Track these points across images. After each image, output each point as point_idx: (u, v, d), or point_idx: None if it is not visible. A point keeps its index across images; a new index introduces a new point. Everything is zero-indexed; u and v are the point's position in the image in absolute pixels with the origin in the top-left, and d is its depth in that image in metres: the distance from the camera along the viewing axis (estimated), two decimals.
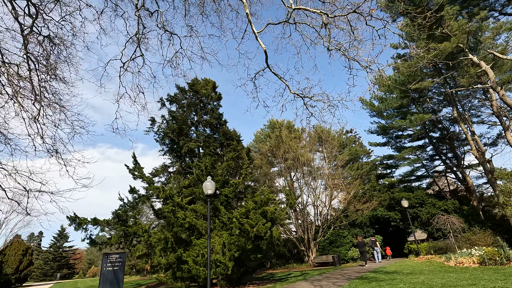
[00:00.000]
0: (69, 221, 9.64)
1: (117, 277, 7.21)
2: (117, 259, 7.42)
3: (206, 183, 8.93)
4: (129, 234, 10.24)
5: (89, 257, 60.54)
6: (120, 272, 7.29)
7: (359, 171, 30.99)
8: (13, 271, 32.40)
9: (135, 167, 11.72)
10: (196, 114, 20.59)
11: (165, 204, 10.38)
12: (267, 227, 9.20)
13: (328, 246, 20.83)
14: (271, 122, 33.34)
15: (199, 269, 8.02)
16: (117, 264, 7.32)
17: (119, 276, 7.29)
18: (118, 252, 8.17)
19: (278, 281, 11.62)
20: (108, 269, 7.25)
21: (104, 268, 7.46)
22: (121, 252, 7.95)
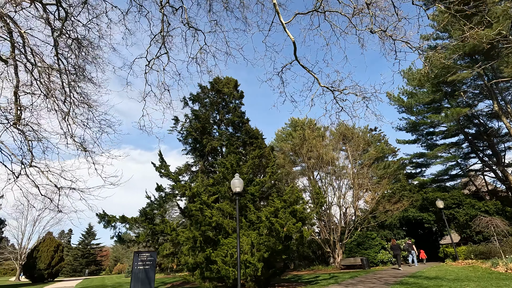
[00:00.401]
0: (99, 218, 9.69)
1: (148, 276, 7.03)
2: (148, 258, 7.25)
3: (234, 180, 8.60)
4: (156, 232, 10.15)
5: (115, 254, 62.56)
6: (151, 271, 7.10)
7: (385, 170, 29.66)
8: (45, 266, 33.93)
9: (162, 164, 11.66)
10: (218, 113, 20.46)
11: (191, 202, 10.19)
12: (298, 227, 8.73)
13: (356, 248, 19.95)
14: (292, 121, 32.71)
15: (229, 269, 7.70)
16: (148, 263, 7.15)
17: (150, 276, 7.12)
18: (149, 250, 8.03)
19: (308, 283, 11.10)
20: (139, 267, 7.14)
21: (136, 267, 7.31)
22: (152, 250, 7.79)
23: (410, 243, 17.39)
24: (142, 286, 6.44)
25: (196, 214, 8.16)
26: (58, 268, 35.51)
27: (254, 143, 18.47)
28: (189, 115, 18.90)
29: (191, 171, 20.56)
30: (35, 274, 33.45)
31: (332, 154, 25.77)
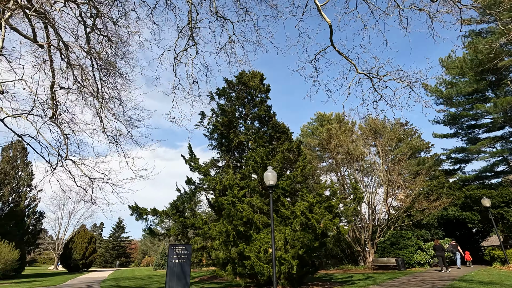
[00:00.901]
0: (131, 210, 9.74)
1: (184, 270, 6.82)
2: (183, 251, 7.05)
3: (268, 173, 8.19)
4: (187, 226, 10.01)
5: (143, 247, 64.80)
6: (186, 265, 6.90)
7: (419, 167, 27.95)
8: (80, 257, 35.74)
9: (191, 157, 11.52)
10: (244, 107, 20.15)
11: (221, 196, 9.94)
12: (335, 223, 8.16)
13: (389, 248, 18.88)
14: (318, 115, 31.75)
15: (263, 266, 7.34)
16: (183, 257, 6.93)
17: (186, 270, 6.88)
18: (183, 243, 7.87)
19: (343, 283, 10.49)
20: (175, 261, 6.90)
21: (171, 260, 6.94)
22: (187, 243, 7.58)
23: (454, 244, 16.09)
24: (178, 281, 6.22)
25: (228, 207, 7.88)
26: (91, 259, 37.29)
27: (281, 138, 17.98)
28: (216, 110, 18.76)
29: (217, 167, 20.47)
30: (71, 264, 35.35)
31: (362, 149, 24.64)
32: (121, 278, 21.94)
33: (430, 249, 17.90)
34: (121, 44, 11.34)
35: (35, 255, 61.69)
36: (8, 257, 20.11)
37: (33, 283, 20.11)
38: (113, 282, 17.89)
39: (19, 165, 32.73)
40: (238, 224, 7.99)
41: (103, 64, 11.15)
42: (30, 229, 32.65)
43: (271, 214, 7.48)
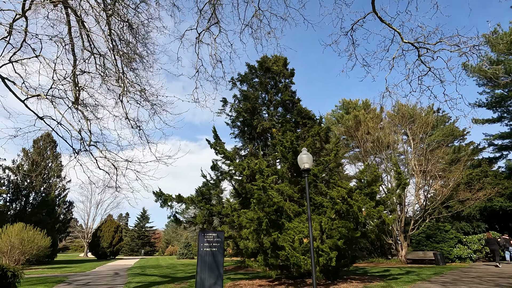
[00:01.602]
0: (155, 196, 9.35)
1: (216, 260, 6.09)
2: (214, 239, 6.32)
3: (302, 156, 7.37)
4: (213, 213, 9.48)
5: (166, 237, 66.48)
6: (219, 254, 6.16)
7: (455, 155, 25.95)
8: (108, 245, 36.95)
9: (216, 142, 10.92)
10: (267, 93, 19.27)
11: (249, 182, 9.29)
12: (380, 211, 7.26)
13: (425, 241, 17.57)
14: (344, 102, 30.24)
15: (299, 257, 6.62)
16: (215, 245, 6.23)
17: (218, 259, 6.12)
18: (215, 230, 7.29)
19: (384, 277, 9.58)
20: (206, 249, 6.18)
21: (201, 248, 6.19)
22: (219, 230, 6.99)
23: (507, 237, 14.57)
24: (210, 272, 5.62)
25: (258, 193, 7.21)
26: (118, 247, 38.50)
27: (307, 124, 16.99)
28: (238, 96, 18.03)
29: (240, 155, 19.86)
30: (99, 251, 36.67)
31: (392, 136, 23.11)
32: (147, 266, 22.20)
33: (472, 243, 16.43)
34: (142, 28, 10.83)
35: (67, 242, 65.04)
36: (41, 243, 20.77)
37: (64, 269, 20.76)
38: (139, 270, 17.99)
39: (48, 156, 33.94)
40: (270, 211, 7.29)
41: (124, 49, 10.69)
42: (61, 218, 33.97)
43: (307, 200, 6.69)
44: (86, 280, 12.51)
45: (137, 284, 10.51)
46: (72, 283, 11.76)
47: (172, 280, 11.65)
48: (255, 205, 7.05)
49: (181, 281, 10.96)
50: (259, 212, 6.99)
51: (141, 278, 12.54)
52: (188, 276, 12.93)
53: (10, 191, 28.85)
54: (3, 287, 8.01)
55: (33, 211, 28.04)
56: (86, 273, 16.73)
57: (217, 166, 11.04)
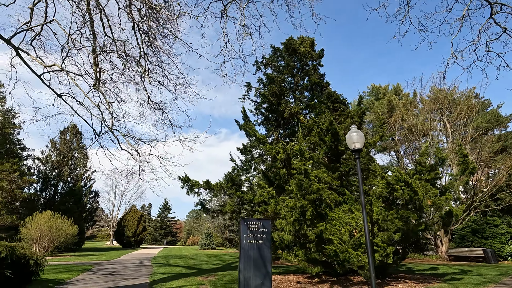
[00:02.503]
0: (182, 182, 8.62)
1: (263, 255, 5.00)
2: (259, 228, 5.19)
3: (352, 134, 6.24)
4: (245, 201, 8.61)
5: (187, 227, 67.45)
6: (265, 247, 5.08)
7: (500, 144, 23.53)
8: (132, 234, 37.63)
9: (246, 122, 9.99)
10: (293, 77, 18.05)
11: (285, 167, 8.30)
12: (448, 199, 6.06)
13: (471, 237, 15.91)
14: (373, 88, 28.31)
15: (351, 253, 5.59)
16: (260, 236, 5.13)
17: (265, 254, 5.04)
18: (259, 218, 6.29)
19: (439, 276, 8.35)
20: (249, 242, 5.10)
21: (244, 240, 5.11)
22: (264, 218, 5.92)
23: None
24: (255, 270, 4.66)
25: (299, 178, 6.20)
26: (142, 236, 39.16)
27: (339, 108, 15.65)
28: (263, 79, 16.95)
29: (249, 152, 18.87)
30: (124, 240, 37.44)
31: (431, 123, 21.21)
32: (170, 256, 22.02)
33: None
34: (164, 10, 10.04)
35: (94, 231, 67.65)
36: (68, 231, 21.05)
37: (91, 256, 20.97)
38: (163, 260, 17.68)
39: (75, 147, 34.68)
40: (314, 198, 6.27)
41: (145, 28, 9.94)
42: (88, 207, 34.80)
43: (360, 185, 5.60)
44: (111, 269, 12.17)
45: (162, 276, 9.93)
46: (97, 272, 11.42)
47: (199, 272, 11.00)
48: (297, 191, 6.05)
49: (208, 274, 10.27)
50: (302, 200, 5.99)
51: (166, 269, 12.03)
52: (214, 268, 12.28)
53: (40, 181, 29.71)
54: (26, 275, 7.56)
55: (61, 200, 28.75)
56: (112, 262, 16.60)
57: (248, 150, 10.11)
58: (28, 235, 19.48)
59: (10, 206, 23.72)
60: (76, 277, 9.71)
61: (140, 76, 10.47)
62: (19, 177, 23.81)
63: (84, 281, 8.88)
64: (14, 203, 25.10)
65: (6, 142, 26.10)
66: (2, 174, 22.95)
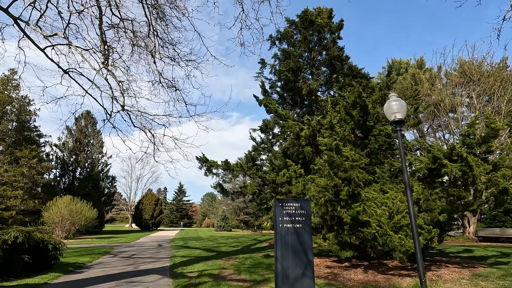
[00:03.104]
0: (199, 162, 8.13)
1: (303, 241, 4.27)
2: (297, 210, 4.42)
3: (391, 103, 5.45)
4: (267, 182, 8.04)
5: (202, 210, 68.66)
6: (305, 233, 4.32)
7: None
8: (149, 217, 38.46)
9: (266, 97, 9.27)
10: (310, 51, 16.91)
11: (309, 145, 7.62)
12: (505, 175, 5.28)
13: (503, 217, 15.00)
14: (393, 62, 26.67)
15: (393, 236, 4.98)
16: (299, 219, 4.38)
17: (305, 240, 4.30)
18: (296, 198, 5.67)
19: (481, 261, 7.68)
20: (287, 226, 4.36)
21: (280, 224, 4.34)
22: (303, 199, 4.90)
23: None
24: (295, 258, 4.05)
25: (329, 155, 5.52)
26: (159, 219, 40.01)
27: (361, 83, 14.59)
28: (279, 54, 15.96)
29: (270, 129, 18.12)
30: (142, 223, 38.38)
31: (458, 98, 19.78)
32: (188, 238, 22.20)
33: None
34: None
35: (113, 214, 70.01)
36: (88, 215, 21.42)
37: (111, 239, 21.38)
38: (181, 242, 17.73)
39: (90, 133, 35.04)
40: (347, 177, 5.61)
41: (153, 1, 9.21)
42: (106, 192, 35.55)
43: (402, 161, 4.89)
44: (131, 252, 12.13)
45: (182, 259, 9.70)
46: (117, 254, 11.37)
47: (218, 255, 10.75)
48: (330, 169, 5.40)
49: (228, 257, 9.98)
50: (336, 178, 5.35)
51: (185, 252, 11.87)
52: (234, 251, 12.04)
53: (59, 167, 30.30)
54: (45, 260, 7.38)
55: (80, 185, 29.35)
56: (131, 244, 16.75)
57: (269, 127, 9.45)
58: (50, 219, 19.93)
59: (31, 191, 24.28)
60: (96, 260, 9.61)
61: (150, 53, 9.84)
62: (38, 163, 24.19)
63: (104, 264, 8.74)
64: (35, 189, 25.71)
65: (24, 129, 26.41)
66: (22, 160, 23.33)
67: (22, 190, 22.66)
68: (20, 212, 22.43)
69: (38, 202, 23.66)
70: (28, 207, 22.83)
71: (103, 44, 8.72)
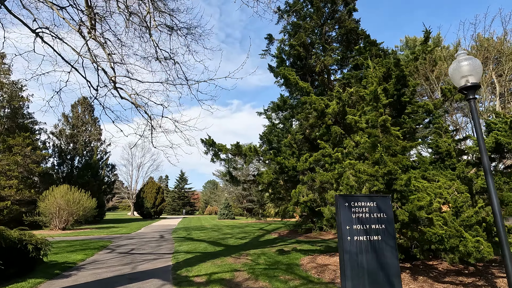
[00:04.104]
0: (204, 145, 6.90)
1: (384, 263, 2.85)
2: (373, 213, 2.95)
3: (461, 64, 4.15)
4: (286, 169, 6.81)
5: (204, 198, 68.23)
6: (388, 249, 2.90)
7: None
8: (151, 205, 37.71)
9: (284, 67, 7.88)
10: (322, 25, 15.30)
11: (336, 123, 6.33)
12: None
13: None
14: (407, 40, 24.97)
15: (468, 239, 3.72)
16: (377, 228, 2.91)
17: (388, 262, 2.87)
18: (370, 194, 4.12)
19: None
20: (359, 238, 2.87)
21: (348, 236, 2.83)
22: (380, 195, 3.32)
23: None
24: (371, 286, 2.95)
25: (373, 133, 4.28)
26: (161, 207, 39.29)
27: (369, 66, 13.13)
28: (288, 28, 14.40)
29: (289, 106, 16.72)
30: (144, 211, 37.67)
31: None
32: (191, 227, 21.30)
33: None
34: None
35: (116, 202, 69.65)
36: (86, 204, 20.47)
37: (111, 229, 20.47)
38: (184, 233, 16.78)
39: (88, 120, 33.79)
40: (399, 161, 4.39)
41: None
42: (106, 180, 34.62)
43: (479, 140, 3.63)
44: (130, 246, 11.11)
45: (186, 256, 8.63)
46: (115, 249, 10.34)
47: (227, 250, 9.69)
48: (382, 152, 4.16)
49: (238, 253, 8.90)
50: (390, 164, 4.08)
51: (189, 246, 10.84)
52: (242, 245, 11.00)
53: (56, 155, 29.25)
54: (25, 262, 6.24)
55: (79, 173, 28.37)
56: (131, 236, 15.79)
57: (288, 102, 8.07)
58: (46, 209, 18.98)
59: (27, 180, 23.23)
60: (90, 258, 8.55)
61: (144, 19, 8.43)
62: (32, 151, 23.01)
63: (98, 263, 7.66)
64: (31, 178, 24.66)
65: (17, 116, 25.09)
66: (15, 149, 22.14)
67: (17, 179, 21.62)
68: (16, 202, 21.45)
69: (35, 191, 22.68)
70: (23, 197, 21.83)
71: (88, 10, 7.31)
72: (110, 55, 8.31)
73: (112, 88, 8.48)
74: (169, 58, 8.23)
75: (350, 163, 4.47)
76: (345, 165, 4.59)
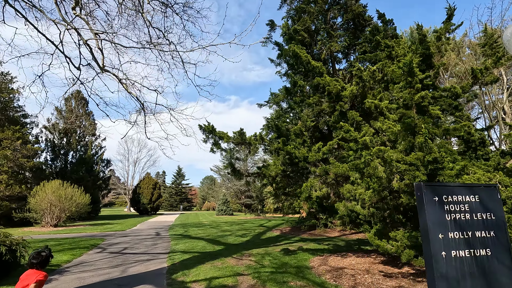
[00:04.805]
0: (203, 133, 6.11)
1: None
2: (475, 213, 1.85)
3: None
4: (295, 161, 6.03)
5: (202, 193, 67.49)
6: (501, 268, 1.73)
7: None
8: (148, 201, 36.92)
9: (294, 44, 7.01)
10: (327, 11, 14.45)
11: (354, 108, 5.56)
12: None
13: None
14: (412, 31, 24.16)
15: None
16: (483, 237, 1.77)
17: None
18: (468, 184, 2.21)
19: None
20: (458, 254, 1.73)
21: (443, 250, 1.69)
22: (482, 185, 2.18)
23: None
24: None
25: (408, 115, 3.55)
26: (158, 203, 38.51)
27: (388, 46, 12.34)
28: (291, 13, 13.55)
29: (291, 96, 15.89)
30: (140, 207, 36.89)
31: None
32: (188, 224, 20.58)
33: None
34: None
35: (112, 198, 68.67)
36: (80, 201, 19.61)
37: (106, 226, 19.70)
38: (181, 230, 16.04)
39: (81, 114, 32.78)
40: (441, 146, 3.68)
41: None
42: (101, 176, 33.71)
43: None
44: (123, 245, 10.34)
45: (182, 256, 7.89)
46: (106, 248, 9.57)
47: (227, 249, 8.96)
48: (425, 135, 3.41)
49: (239, 253, 8.18)
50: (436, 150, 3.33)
51: (186, 244, 10.10)
52: (243, 243, 10.29)
53: (49, 150, 28.26)
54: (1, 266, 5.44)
55: (73, 169, 27.44)
56: (126, 233, 15.03)
57: (298, 85, 7.24)
58: (37, 205, 18.13)
59: (18, 176, 22.26)
60: (77, 259, 7.78)
61: None
62: (23, 145, 22.03)
63: (85, 265, 6.90)
64: (22, 173, 23.68)
65: (7, 109, 24.01)
66: (4, 142, 21.15)
67: (6, 174, 20.68)
68: (6, 198, 20.52)
69: (26, 187, 21.76)
70: (13, 193, 20.90)
71: None
72: (97, 35, 7.44)
73: (100, 72, 7.64)
74: (162, 37, 7.39)
75: (380, 149, 3.72)
76: (373, 153, 3.84)
